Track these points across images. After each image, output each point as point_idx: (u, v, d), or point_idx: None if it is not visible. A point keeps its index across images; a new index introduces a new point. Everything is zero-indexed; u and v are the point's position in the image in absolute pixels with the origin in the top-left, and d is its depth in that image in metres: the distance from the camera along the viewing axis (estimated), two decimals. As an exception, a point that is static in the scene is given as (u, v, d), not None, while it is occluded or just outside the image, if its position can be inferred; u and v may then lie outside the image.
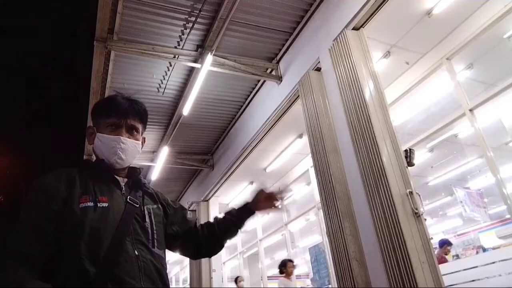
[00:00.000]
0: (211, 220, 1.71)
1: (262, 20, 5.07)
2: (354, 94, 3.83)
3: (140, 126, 1.46)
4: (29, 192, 1.28)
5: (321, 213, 4.75)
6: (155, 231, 1.37)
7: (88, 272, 1.15)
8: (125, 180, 1.44)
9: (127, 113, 1.41)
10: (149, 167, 8.44)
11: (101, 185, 1.32)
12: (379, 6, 3.90)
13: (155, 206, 1.45)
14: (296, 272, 8.32)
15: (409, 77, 5.18)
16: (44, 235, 1.19)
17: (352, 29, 4.14)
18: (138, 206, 1.36)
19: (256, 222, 9.25)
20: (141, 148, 1.48)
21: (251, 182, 8.31)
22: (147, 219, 1.37)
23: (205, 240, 1.61)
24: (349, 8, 4.15)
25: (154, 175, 8.10)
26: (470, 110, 4.35)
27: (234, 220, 1.65)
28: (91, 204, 1.25)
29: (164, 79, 5.90)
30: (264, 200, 1.72)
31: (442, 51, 4.74)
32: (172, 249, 1.57)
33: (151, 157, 8.00)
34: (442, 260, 5.34)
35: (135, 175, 1.47)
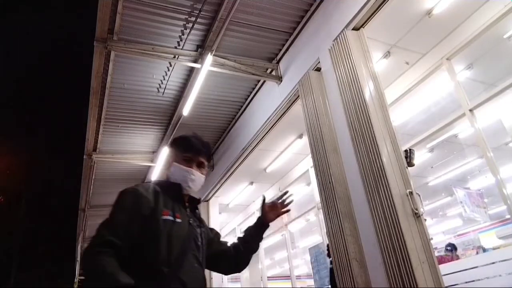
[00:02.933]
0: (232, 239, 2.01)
1: (262, 20, 5.07)
2: (354, 94, 3.83)
3: (206, 163, 1.82)
4: (123, 196, 1.59)
5: (321, 213, 4.75)
6: (204, 251, 1.68)
7: (162, 270, 1.44)
8: (188, 204, 1.73)
9: (199, 153, 1.77)
10: (149, 167, 8.44)
11: (175, 204, 1.63)
12: (379, 6, 3.90)
13: (204, 229, 1.74)
14: (296, 272, 8.32)
15: (409, 77, 5.18)
16: (130, 233, 1.46)
17: (352, 29, 4.14)
18: (195, 227, 1.66)
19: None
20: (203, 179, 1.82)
21: (251, 183, 8.30)
22: (200, 239, 1.66)
23: (234, 259, 1.87)
24: (349, 8, 4.15)
25: (154, 175, 8.10)
26: (470, 110, 4.36)
27: (253, 237, 1.90)
28: (170, 218, 1.56)
29: (164, 79, 5.90)
30: (270, 210, 1.94)
31: (442, 51, 4.74)
32: (208, 267, 1.79)
33: (151, 157, 8.01)
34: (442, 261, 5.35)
35: (195, 202, 1.78)
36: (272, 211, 1.92)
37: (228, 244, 1.92)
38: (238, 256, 1.87)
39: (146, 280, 1.41)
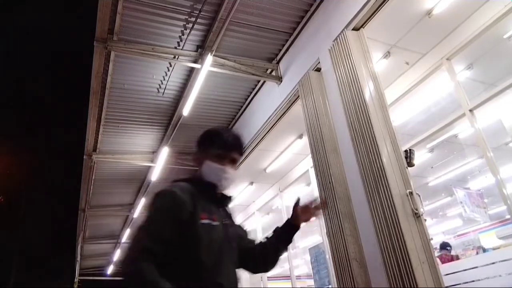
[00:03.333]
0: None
1: (262, 20, 5.07)
2: (354, 94, 3.83)
3: (239, 159, 1.73)
4: (159, 200, 1.53)
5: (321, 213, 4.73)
6: (236, 250, 1.63)
7: (201, 275, 1.43)
8: (220, 202, 1.70)
9: (232, 149, 1.68)
10: (149, 168, 8.44)
11: (211, 206, 1.58)
12: (379, 6, 3.90)
13: (235, 226, 1.72)
14: (296, 272, 8.31)
15: (409, 78, 5.17)
16: (168, 238, 1.41)
17: (352, 29, 4.14)
18: (228, 227, 1.62)
19: (256, 222, 9.25)
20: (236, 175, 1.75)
21: (251, 183, 8.30)
22: (233, 240, 1.63)
23: (261, 258, 1.80)
24: (349, 8, 4.15)
25: (154, 175, 8.10)
26: (470, 111, 4.35)
27: (281, 239, 1.83)
28: (208, 221, 1.50)
29: (164, 79, 5.90)
30: (302, 213, 1.85)
31: (442, 51, 4.74)
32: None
33: (151, 157, 8.01)
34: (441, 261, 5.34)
35: (227, 200, 1.74)
36: (304, 213, 1.84)
37: (256, 243, 1.86)
38: (265, 256, 1.81)
39: (184, 286, 1.37)
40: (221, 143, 1.67)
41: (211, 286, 1.44)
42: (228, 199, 1.74)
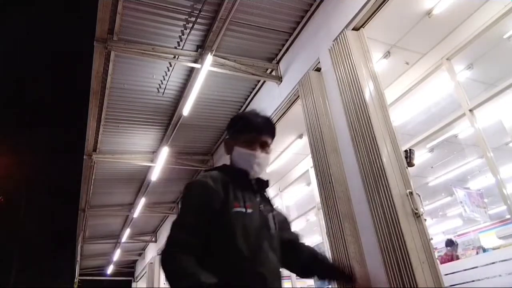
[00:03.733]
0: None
1: (262, 20, 5.07)
2: (354, 94, 3.83)
3: (270, 141, 1.64)
4: (191, 191, 1.50)
5: (321, 213, 4.74)
6: (276, 236, 1.55)
7: (238, 265, 1.38)
8: (256, 189, 1.60)
9: (261, 131, 1.60)
10: (149, 168, 8.44)
11: (245, 194, 1.51)
12: (379, 6, 3.90)
13: (274, 212, 1.61)
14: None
15: (409, 77, 5.17)
16: (203, 230, 1.39)
17: (352, 29, 4.14)
18: (265, 214, 1.54)
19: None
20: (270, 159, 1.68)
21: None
22: (272, 226, 1.54)
23: (298, 261, 1.70)
24: (349, 8, 4.15)
25: (154, 175, 8.10)
26: (470, 110, 4.35)
27: (321, 269, 1.73)
28: (241, 209, 1.45)
29: (164, 79, 5.90)
30: (346, 280, 1.74)
31: (442, 51, 4.74)
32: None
33: (151, 157, 8.00)
34: (446, 260, 5.31)
35: (263, 186, 1.63)
36: (347, 281, 1.72)
37: (301, 241, 1.75)
38: (308, 266, 1.71)
39: (224, 278, 1.31)
40: (249, 127, 1.60)
41: (251, 277, 1.38)
42: (264, 184, 1.64)
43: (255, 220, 1.47)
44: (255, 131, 1.59)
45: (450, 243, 5.78)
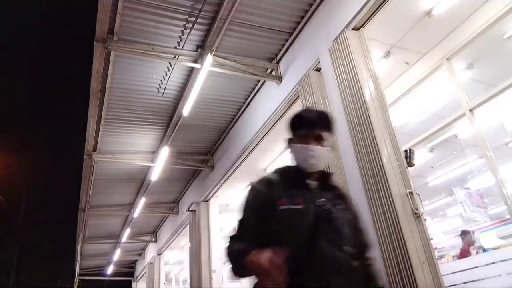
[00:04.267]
0: None
1: (262, 20, 5.07)
2: (354, 94, 3.83)
3: (326, 134, 1.63)
4: (247, 194, 1.62)
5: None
6: (344, 231, 1.50)
7: (290, 264, 1.31)
8: (317, 183, 1.61)
9: (313, 125, 1.62)
10: (149, 168, 8.44)
11: (296, 190, 1.54)
12: (379, 6, 3.90)
13: (343, 207, 1.58)
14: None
15: (409, 77, 5.18)
16: (256, 227, 1.49)
17: (352, 29, 4.14)
18: (327, 208, 1.51)
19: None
20: (331, 151, 1.68)
21: (251, 183, 8.29)
22: (338, 220, 1.51)
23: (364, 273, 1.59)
24: (349, 8, 4.15)
25: (154, 175, 8.10)
26: (470, 110, 4.35)
27: None
28: (288, 206, 1.48)
29: (164, 79, 5.90)
30: None
31: (442, 51, 4.74)
32: None
33: (151, 157, 8.00)
34: (465, 254, 5.18)
35: (326, 179, 1.64)
36: None
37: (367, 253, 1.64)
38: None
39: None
40: (301, 122, 1.65)
41: (303, 274, 1.38)
42: (326, 176, 1.65)
43: (306, 215, 1.47)
44: (307, 125, 1.63)
45: (464, 232, 5.64)
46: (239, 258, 1.37)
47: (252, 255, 1.30)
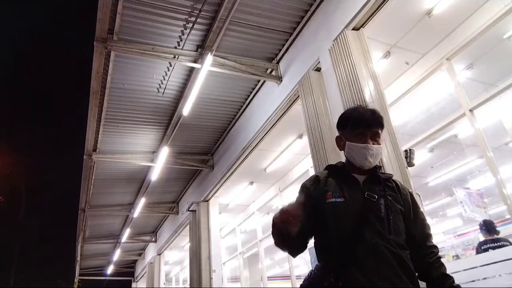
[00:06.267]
0: None
1: (262, 20, 5.07)
2: (354, 94, 3.83)
3: (381, 132, 1.69)
4: (299, 192, 1.72)
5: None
6: (391, 221, 1.53)
7: (336, 256, 1.47)
8: (365, 177, 1.66)
9: (371, 124, 1.65)
10: (149, 168, 8.44)
11: (343, 184, 1.62)
12: (379, 6, 3.90)
13: (391, 198, 1.60)
14: (296, 272, 8.31)
15: (409, 77, 5.17)
16: (307, 225, 1.50)
17: (352, 29, 4.14)
18: (375, 199, 1.56)
19: (255, 222, 9.25)
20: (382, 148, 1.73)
21: (251, 183, 8.30)
22: (383, 210, 1.55)
23: (420, 268, 1.57)
24: (349, 8, 4.15)
25: (154, 175, 8.10)
26: (470, 110, 4.35)
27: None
28: (334, 200, 1.57)
29: (164, 79, 5.90)
30: None
31: (442, 51, 4.74)
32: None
33: (151, 157, 8.01)
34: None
35: (374, 172, 1.68)
36: None
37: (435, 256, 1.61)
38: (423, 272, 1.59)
39: (330, 269, 1.46)
40: (358, 121, 1.67)
41: (347, 264, 1.44)
42: (374, 169, 1.67)
43: (352, 206, 1.53)
44: (365, 124, 1.65)
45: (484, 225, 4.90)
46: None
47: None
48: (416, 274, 1.55)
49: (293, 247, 1.62)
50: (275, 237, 1.49)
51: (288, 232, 1.38)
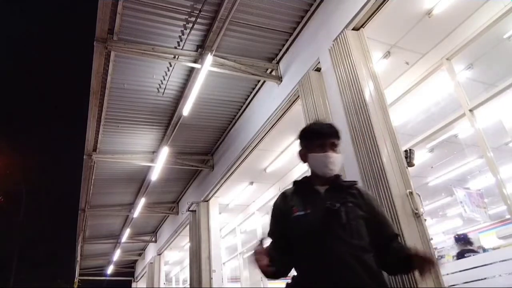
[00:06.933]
0: None
1: (262, 20, 5.07)
2: (354, 94, 3.83)
3: (337, 142, 1.85)
4: (272, 209, 1.90)
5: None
6: (353, 226, 1.65)
7: (302, 265, 1.67)
8: (326, 187, 1.79)
9: (329, 134, 1.83)
10: (149, 168, 8.44)
11: (306, 198, 1.77)
12: (379, 6, 3.90)
13: (352, 204, 1.71)
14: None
15: (409, 77, 5.17)
16: (277, 234, 1.80)
17: (352, 29, 4.14)
18: (336, 207, 1.66)
19: (255, 222, 9.25)
20: (342, 156, 1.89)
21: (251, 183, 8.30)
22: (344, 217, 1.65)
23: (388, 258, 1.70)
24: (349, 8, 4.15)
25: (154, 175, 8.10)
26: (470, 110, 4.35)
27: (397, 265, 1.74)
28: (298, 213, 1.71)
29: (164, 79, 5.90)
30: (420, 264, 1.67)
31: (442, 51, 4.74)
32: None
33: (151, 157, 8.01)
34: None
35: (335, 181, 1.82)
36: (421, 265, 1.65)
37: (393, 241, 1.76)
38: (390, 259, 1.70)
39: (299, 279, 1.66)
40: (317, 134, 1.85)
41: (309, 272, 1.61)
42: (335, 178, 1.81)
43: (315, 218, 1.66)
44: (323, 136, 1.82)
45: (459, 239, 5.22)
46: None
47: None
48: (391, 268, 1.76)
49: (276, 276, 1.73)
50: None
51: (264, 270, 1.57)
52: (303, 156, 1.89)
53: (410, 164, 3.55)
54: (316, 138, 1.83)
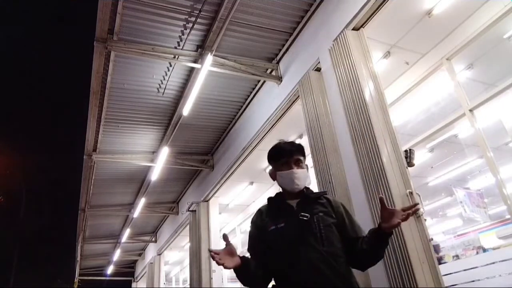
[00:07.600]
0: None
1: (262, 20, 5.07)
2: (354, 94, 3.83)
3: (302, 158, 1.95)
4: (250, 226, 1.98)
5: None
6: (323, 234, 1.74)
7: (277, 271, 1.77)
8: (297, 201, 1.88)
9: (292, 152, 1.93)
10: (149, 168, 8.44)
11: (279, 212, 1.88)
12: (379, 6, 3.90)
13: (322, 213, 1.81)
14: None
15: (409, 77, 5.17)
16: (256, 249, 1.89)
17: (352, 29, 4.14)
18: (307, 218, 1.78)
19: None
20: (308, 172, 1.98)
21: (251, 183, 8.30)
22: (315, 226, 1.76)
23: (357, 255, 1.79)
24: (349, 8, 4.15)
25: (154, 175, 8.10)
26: (470, 110, 4.35)
27: (371, 243, 1.76)
28: (273, 227, 1.81)
29: (164, 79, 5.90)
30: (389, 218, 1.70)
31: (442, 51, 4.74)
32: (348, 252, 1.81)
33: (151, 157, 8.00)
34: None
35: (304, 194, 1.92)
36: (391, 218, 1.67)
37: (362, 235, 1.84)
38: (361, 253, 1.78)
39: (276, 286, 1.78)
40: (281, 152, 1.95)
41: (288, 282, 1.71)
42: (303, 191, 1.91)
43: (289, 230, 1.77)
44: (287, 154, 1.92)
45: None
46: None
47: None
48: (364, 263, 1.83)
49: (253, 284, 1.82)
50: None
51: (228, 267, 1.64)
52: (273, 175, 2.00)
53: (410, 164, 3.55)
54: (281, 157, 1.94)
